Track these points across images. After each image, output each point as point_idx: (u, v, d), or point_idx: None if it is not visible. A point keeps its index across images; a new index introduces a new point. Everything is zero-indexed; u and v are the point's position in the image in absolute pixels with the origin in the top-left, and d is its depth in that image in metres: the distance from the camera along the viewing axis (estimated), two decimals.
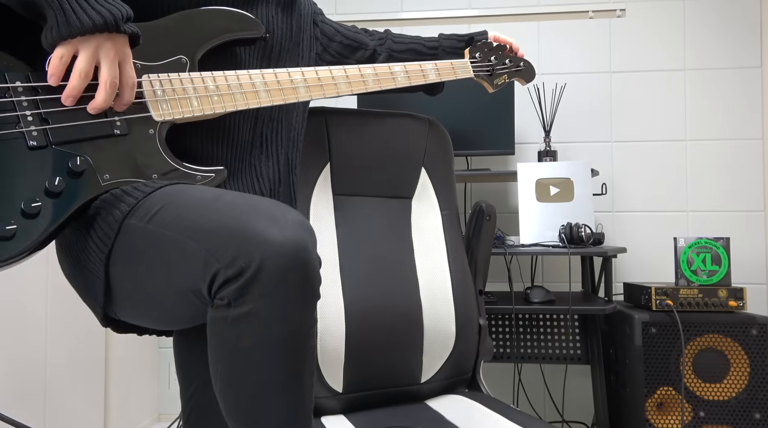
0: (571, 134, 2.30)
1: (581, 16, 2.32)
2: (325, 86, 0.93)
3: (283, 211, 0.66)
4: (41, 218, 0.65)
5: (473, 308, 1.41)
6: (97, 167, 0.70)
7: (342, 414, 1.26)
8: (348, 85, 0.96)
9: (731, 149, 2.23)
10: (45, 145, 0.67)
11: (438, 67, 1.07)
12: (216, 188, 0.75)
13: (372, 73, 0.98)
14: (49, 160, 0.66)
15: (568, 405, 2.28)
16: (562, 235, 1.82)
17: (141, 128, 0.74)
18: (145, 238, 0.68)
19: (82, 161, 0.68)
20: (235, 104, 0.82)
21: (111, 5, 0.69)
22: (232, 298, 0.62)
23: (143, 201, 0.70)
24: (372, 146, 1.39)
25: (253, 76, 0.85)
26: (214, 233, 0.63)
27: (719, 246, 1.80)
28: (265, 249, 0.61)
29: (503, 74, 1.17)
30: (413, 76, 1.03)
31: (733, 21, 2.24)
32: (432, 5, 2.38)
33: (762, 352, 1.69)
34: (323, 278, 1.28)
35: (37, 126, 0.66)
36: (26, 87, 0.67)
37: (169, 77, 0.77)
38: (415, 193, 1.44)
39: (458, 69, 1.10)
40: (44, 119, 0.67)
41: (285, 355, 0.63)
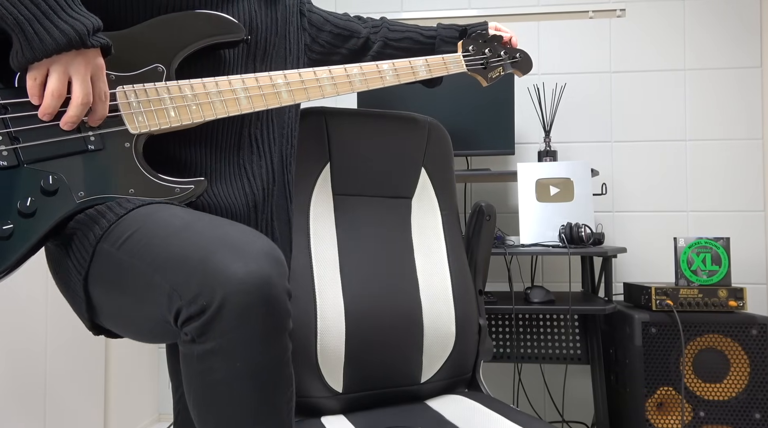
0: (571, 134, 2.30)
1: (581, 16, 2.32)
2: (309, 89, 0.89)
3: (250, 241, 0.64)
4: (14, 239, 0.64)
5: (473, 308, 1.41)
6: (71, 184, 0.68)
7: (342, 414, 1.26)
8: (333, 87, 0.91)
9: (731, 149, 2.23)
10: (16, 164, 0.65)
11: (429, 64, 1.02)
12: (189, 210, 0.73)
13: (359, 73, 0.94)
14: (20, 179, 0.65)
15: (568, 405, 2.28)
16: (562, 235, 1.82)
17: (116, 141, 0.72)
18: (117, 266, 0.67)
19: (55, 179, 0.67)
20: (214, 113, 0.79)
21: (75, 20, 0.66)
22: (195, 335, 0.61)
23: (116, 225, 0.68)
24: (372, 146, 1.39)
25: (233, 81, 0.81)
26: (177, 268, 0.62)
27: (719, 246, 1.80)
28: (227, 286, 0.60)
29: (498, 67, 1.13)
30: (402, 74, 0.99)
31: (732, 21, 2.24)
32: (432, 5, 2.38)
33: (762, 352, 1.69)
34: (324, 278, 1.28)
35: (7, 145, 0.65)
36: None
37: (144, 87, 0.75)
38: (415, 193, 1.44)
39: (450, 64, 1.05)
40: (14, 137, 0.65)
41: (253, 388, 0.62)
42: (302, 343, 1.22)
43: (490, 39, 1.13)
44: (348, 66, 0.94)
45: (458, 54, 1.08)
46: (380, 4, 2.40)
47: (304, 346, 1.22)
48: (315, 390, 1.23)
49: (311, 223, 1.31)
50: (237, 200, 0.89)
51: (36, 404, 1.61)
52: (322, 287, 1.27)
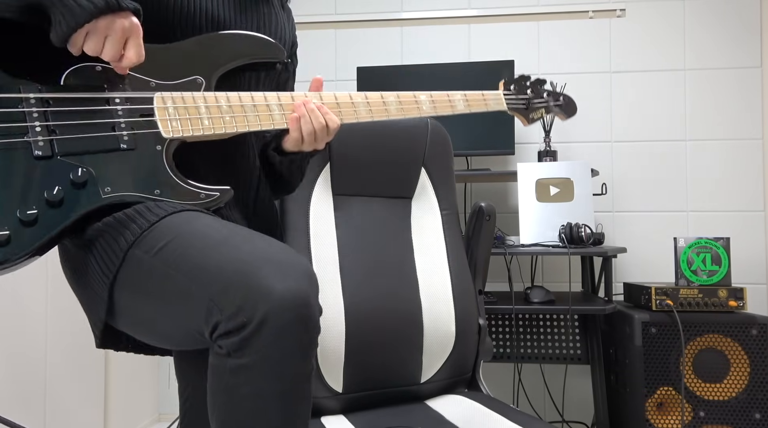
0: (571, 134, 2.30)
1: (581, 16, 2.32)
2: (343, 112, 0.91)
3: (290, 259, 0.66)
4: (38, 226, 0.65)
5: (473, 308, 1.41)
6: (99, 179, 0.70)
7: (342, 414, 1.26)
8: (369, 112, 0.93)
9: (731, 149, 2.23)
10: (50, 155, 0.67)
11: (467, 98, 1.03)
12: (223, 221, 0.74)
13: (395, 100, 0.95)
14: (52, 170, 0.67)
15: (568, 405, 2.27)
16: (562, 235, 1.82)
17: (148, 143, 0.74)
18: (150, 273, 0.68)
19: (84, 172, 0.68)
20: (247, 125, 0.81)
21: None
22: (231, 349, 0.62)
23: (148, 232, 0.69)
24: (372, 146, 1.39)
25: (269, 97, 0.84)
26: (217, 281, 0.63)
27: (719, 246, 1.80)
28: (268, 304, 0.61)
29: (540, 108, 1.14)
30: (440, 107, 1.00)
31: (732, 21, 2.24)
32: (432, 5, 2.38)
33: (762, 352, 1.69)
34: (324, 278, 1.28)
35: (44, 136, 0.67)
36: (38, 98, 0.68)
37: (181, 95, 0.78)
38: (415, 193, 1.44)
39: (490, 100, 1.06)
40: (52, 130, 0.68)
41: (281, 405, 0.63)
42: None
43: (535, 82, 1.13)
44: (385, 93, 0.95)
45: (499, 92, 1.08)
46: (380, 4, 2.40)
47: None
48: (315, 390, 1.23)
49: (311, 223, 1.31)
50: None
51: (36, 404, 1.61)
52: (322, 288, 1.27)
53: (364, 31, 2.41)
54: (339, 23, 2.42)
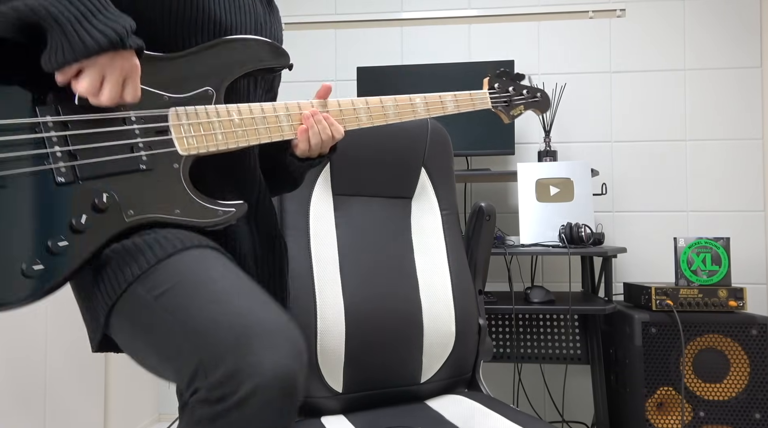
0: (571, 134, 2.30)
1: (581, 16, 2.32)
2: (346, 119, 0.92)
3: (283, 330, 0.64)
4: (67, 255, 0.64)
5: (473, 308, 1.41)
6: (122, 202, 0.69)
7: (342, 414, 1.26)
8: (369, 118, 0.94)
9: (731, 149, 2.23)
10: (72, 180, 0.66)
11: (457, 99, 1.05)
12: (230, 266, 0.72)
13: (393, 105, 0.97)
14: (75, 195, 0.66)
15: (568, 405, 2.28)
16: (562, 235, 1.82)
17: (166, 162, 0.73)
18: (148, 313, 0.67)
19: (108, 197, 0.67)
20: (258, 137, 0.82)
21: (114, 22, 0.66)
22: (206, 418, 0.60)
23: (154, 269, 0.68)
24: (372, 146, 1.39)
25: (277, 107, 0.84)
26: (209, 345, 0.62)
27: (719, 246, 1.80)
28: (254, 381, 0.60)
29: (519, 105, 1.16)
30: (432, 109, 1.02)
31: (732, 21, 2.24)
32: (432, 5, 2.38)
33: (762, 352, 1.69)
34: (324, 278, 1.28)
35: (65, 162, 0.65)
36: (56, 122, 0.66)
37: (195, 110, 0.77)
38: (415, 193, 1.44)
39: (477, 101, 1.08)
40: (73, 154, 0.66)
41: None
42: None
43: (515, 76, 1.16)
44: (383, 98, 0.96)
45: (485, 91, 1.11)
46: (380, 4, 2.40)
47: None
48: (315, 390, 1.23)
49: (311, 223, 1.31)
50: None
51: (36, 404, 1.61)
52: (322, 287, 1.27)
53: (364, 31, 2.41)
54: (339, 23, 2.42)
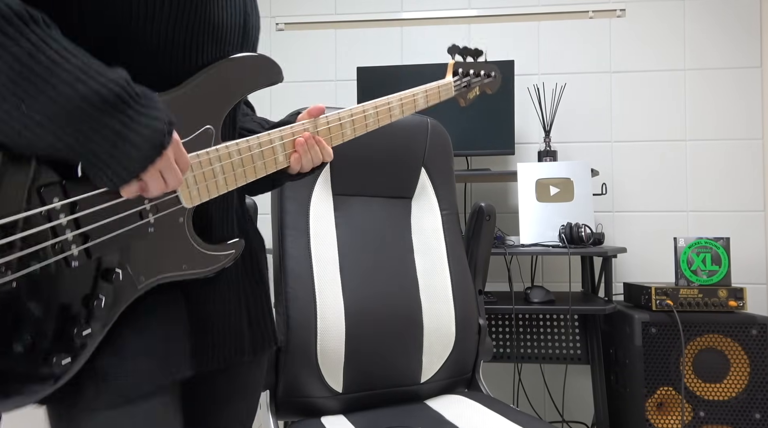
0: (571, 134, 2.30)
1: (581, 16, 2.32)
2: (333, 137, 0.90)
3: None
4: (88, 342, 0.62)
5: (473, 308, 1.41)
6: (132, 271, 0.66)
7: (342, 414, 1.26)
8: (353, 131, 0.93)
9: (731, 149, 2.23)
10: (85, 261, 0.61)
11: (427, 94, 1.05)
12: None
13: (373, 112, 0.96)
14: (89, 275, 0.62)
15: (568, 405, 2.28)
16: (562, 235, 1.82)
17: (172, 219, 0.70)
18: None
19: (124, 273, 0.64)
20: (255, 174, 0.79)
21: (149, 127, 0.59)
22: None
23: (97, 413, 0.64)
24: (372, 146, 1.39)
25: (272, 135, 0.80)
26: None
27: (719, 246, 1.80)
28: None
29: (475, 87, 1.15)
30: (407, 108, 1.01)
31: (732, 21, 2.24)
32: (432, 5, 2.38)
33: (762, 352, 1.69)
34: (324, 278, 1.28)
35: (78, 245, 0.60)
36: (65, 205, 0.59)
37: (198, 159, 0.72)
38: (415, 193, 1.44)
39: (443, 91, 1.08)
40: (86, 236, 0.61)
41: None
42: (302, 343, 1.22)
43: (474, 53, 1.14)
44: (365, 105, 0.95)
45: (449, 79, 1.10)
46: (380, 4, 2.40)
47: (304, 346, 1.22)
48: (315, 390, 1.24)
49: (311, 223, 1.31)
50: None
51: None
52: (322, 287, 1.27)
53: (364, 31, 2.41)
54: (339, 23, 2.42)
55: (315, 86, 2.41)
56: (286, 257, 1.26)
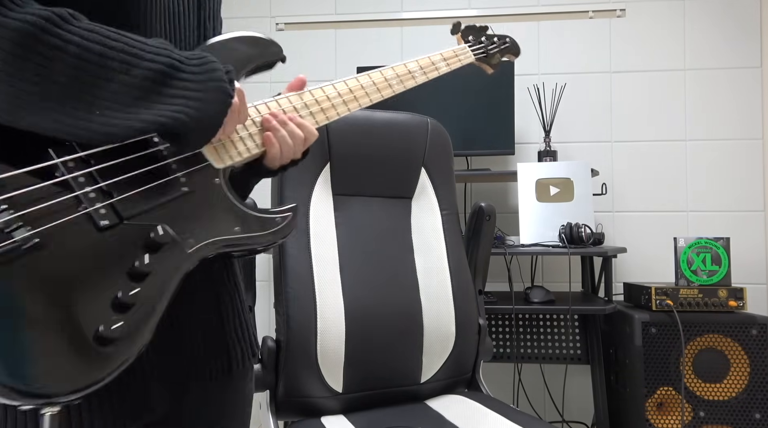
0: (571, 134, 2.30)
1: (581, 16, 2.32)
2: (358, 98, 0.86)
3: None
4: (140, 307, 0.55)
5: (473, 308, 1.41)
6: (178, 233, 0.59)
7: (342, 414, 1.26)
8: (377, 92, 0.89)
9: (731, 149, 2.23)
10: (117, 222, 0.55)
11: (445, 58, 1.00)
12: None
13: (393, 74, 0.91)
14: (125, 238, 0.56)
15: (568, 405, 2.28)
16: (562, 235, 1.82)
17: (205, 180, 0.65)
18: None
19: (164, 229, 0.58)
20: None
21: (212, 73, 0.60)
22: None
23: None
24: (372, 146, 1.39)
25: (292, 98, 0.78)
26: None
27: (719, 246, 1.80)
28: None
29: (496, 53, 1.14)
30: (429, 73, 0.97)
31: (732, 21, 2.24)
32: (432, 5, 2.38)
33: (762, 352, 1.69)
34: (324, 278, 1.28)
35: (102, 202, 0.55)
36: (76, 160, 0.55)
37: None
38: (415, 193, 1.44)
39: (461, 55, 1.04)
40: (107, 192, 0.56)
41: None
42: (302, 343, 1.22)
43: (480, 29, 1.14)
44: (383, 69, 0.90)
45: (464, 45, 1.07)
46: (380, 4, 2.40)
47: (304, 346, 1.23)
48: (315, 390, 1.24)
49: (311, 223, 1.31)
50: None
51: None
52: (322, 287, 1.27)
53: (364, 31, 2.41)
54: (339, 23, 2.42)
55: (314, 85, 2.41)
56: (286, 256, 1.26)
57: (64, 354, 0.49)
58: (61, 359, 0.49)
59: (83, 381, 0.50)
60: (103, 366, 0.51)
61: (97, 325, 0.51)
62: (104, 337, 0.51)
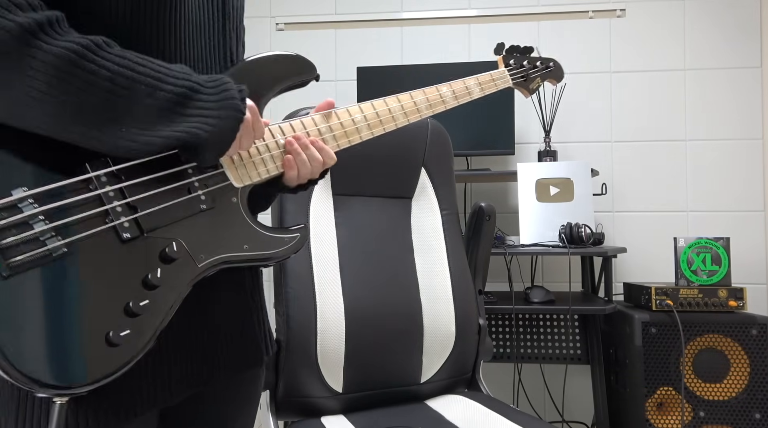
0: (571, 134, 2.30)
1: (581, 16, 2.32)
2: (384, 122, 0.87)
3: None
4: (150, 315, 0.61)
5: (473, 308, 1.41)
6: (191, 248, 0.65)
7: (342, 414, 1.26)
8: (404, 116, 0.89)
9: (731, 149, 2.23)
10: (138, 235, 0.62)
11: (480, 82, 1.01)
12: None
13: (424, 99, 0.92)
14: (143, 250, 0.62)
15: (568, 405, 2.28)
16: (562, 235, 1.82)
17: (224, 198, 0.70)
18: None
19: (178, 245, 0.64)
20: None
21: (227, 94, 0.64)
22: None
23: None
24: (372, 145, 1.39)
25: (317, 119, 0.81)
26: None
27: (719, 246, 1.80)
28: None
29: (536, 77, 1.13)
30: (460, 96, 0.97)
31: (732, 21, 2.24)
32: (432, 5, 2.38)
33: (762, 352, 1.69)
34: (324, 278, 1.28)
35: (127, 216, 0.61)
36: (108, 174, 0.62)
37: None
38: (415, 193, 1.44)
39: (498, 80, 1.04)
40: (133, 207, 0.62)
41: None
42: (302, 343, 1.23)
43: (524, 50, 1.12)
44: (416, 97, 0.91)
45: (503, 69, 1.07)
46: (380, 3, 2.40)
47: (304, 346, 1.23)
48: (315, 390, 1.24)
49: (311, 223, 1.31)
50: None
51: None
52: (322, 287, 1.27)
53: (364, 31, 2.41)
54: (339, 23, 2.42)
55: (315, 86, 2.41)
56: None
57: (79, 352, 0.56)
58: (77, 355, 0.56)
59: (93, 376, 0.56)
60: (110, 365, 0.57)
61: (109, 329, 0.58)
62: (113, 340, 0.57)
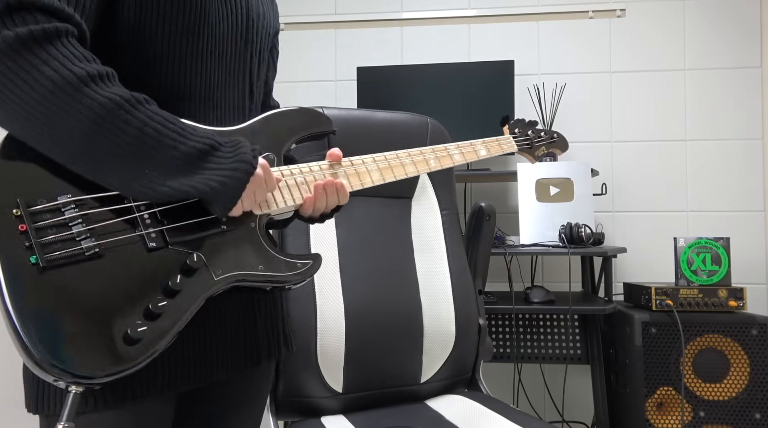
0: (571, 134, 2.30)
1: (581, 16, 2.32)
2: (394, 168, 0.95)
3: None
4: (164, 319, 0.66)
5: (473, 308, 1.41)
6: (210, 262, 0.71)
7: (342, 414, 1.26)
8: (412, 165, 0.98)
9: (731, 149, 2.23)
10: (163, 245, 0.68)
11: (486, 145, 1.11)
12: None
13: (430, 150, 1.02)
14: (166, 260, 0.68)
15: (568, 405, 2.28)
16: (562, 235, 1.82)
17: (243, 222, 0.76)
18: None
19: (198, 258, 0.70)
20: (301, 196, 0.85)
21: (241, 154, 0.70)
22: None
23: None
24: (372, 145, 1.39)
25: (334, 165, 0.88)
26: None
27: (719, 246, 1.80)
28: None
29: (541, 146, 1.23)
30: (467, 154, 1.06)
31: (733, 21, 2.24)
32: (432, 5, 2.38)
33: (762, 352, 1.69)
34: (324, 278, 1.28)
35: (155, 228, 0.68)
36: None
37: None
38: (415, 193, 1.44)
39: (503, 144, 1.14)
40: (161, 220, 0.69)
41: None
42: (302, 343, 1.23)
43: (528, 124, 1.22)
44: (424, 149, 1.00)
45: (508, 136, 1.18)
46: (380, 4, 2.40)
47: (304, 346, 1.23)
48: (315, 390, 1.24)
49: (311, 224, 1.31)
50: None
51: None
52: (322, 287, 1.27)
53: (364, 31, 2.41)
54: (339, 23, 2.42)
55: (315, 86, 2.42)
56: None
57: (98, 346, 0.61)
58: (96, 349, 0.61)
59: (109, 370, 0.61)
60: (126, 361, 0.62)
61: (127, 328, 0.62)
62: (131, 338, 0.62)
